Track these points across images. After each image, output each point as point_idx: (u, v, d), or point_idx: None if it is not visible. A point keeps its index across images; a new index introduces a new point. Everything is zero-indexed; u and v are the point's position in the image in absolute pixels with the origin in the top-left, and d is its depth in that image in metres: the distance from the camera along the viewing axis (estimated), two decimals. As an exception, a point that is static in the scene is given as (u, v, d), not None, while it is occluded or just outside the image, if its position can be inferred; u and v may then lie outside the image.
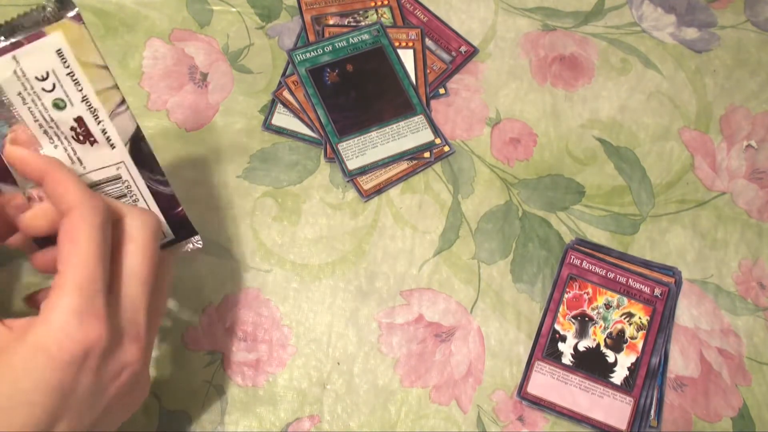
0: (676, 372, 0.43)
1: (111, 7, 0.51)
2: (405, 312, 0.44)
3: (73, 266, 0.27)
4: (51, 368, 0.26)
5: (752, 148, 0.51)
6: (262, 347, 0.42)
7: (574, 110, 0.51)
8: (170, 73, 0.49)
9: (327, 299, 0.44)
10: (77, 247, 0.28)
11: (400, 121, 0.48)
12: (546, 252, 0.46)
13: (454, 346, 0.43)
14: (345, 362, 0.42)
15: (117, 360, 0.29)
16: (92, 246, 0.28)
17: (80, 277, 0.27)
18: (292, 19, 0.52)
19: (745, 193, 0.49)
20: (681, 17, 0.56)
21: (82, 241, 0.28)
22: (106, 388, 0.29)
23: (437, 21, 0.53)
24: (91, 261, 0.28)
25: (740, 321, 0.45)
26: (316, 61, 0.49)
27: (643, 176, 0.49)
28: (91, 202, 0.29)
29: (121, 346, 0.29)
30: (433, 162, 0.48)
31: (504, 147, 0.49)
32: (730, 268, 0.47)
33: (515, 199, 0.47)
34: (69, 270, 0.27)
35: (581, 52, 0.53)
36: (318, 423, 0.40)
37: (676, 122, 0.51)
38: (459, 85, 0.51)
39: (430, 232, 0.46)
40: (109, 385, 0.29)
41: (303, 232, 0.45)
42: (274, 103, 0.49)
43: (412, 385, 0.42)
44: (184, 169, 0.46)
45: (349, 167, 0.47)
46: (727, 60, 0.54)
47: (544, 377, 0.42)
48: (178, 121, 0.47)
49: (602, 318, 0.44)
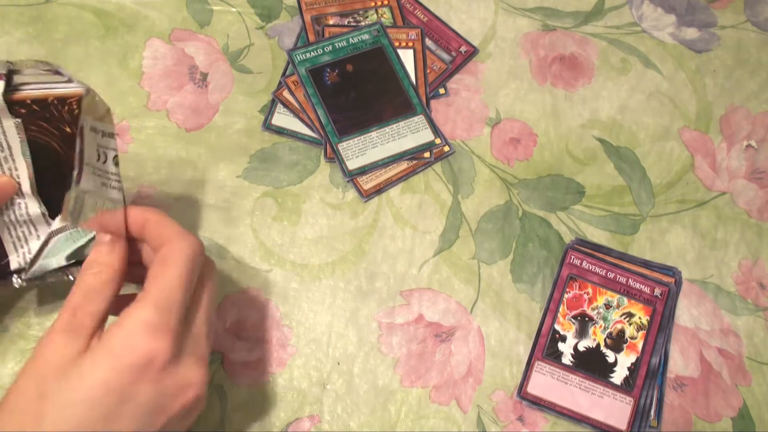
0: (676, 372, 0.43)
1: (111, 7, 0.51)
2: (405, 312, 0.44)
3: (158, 285, 0.30)
4: (112, 370, 0.28)
5: (752, 148, 0.51)
6: (262, 347, 0.42)
7: (574, 110, 0.51)
8: (170, 73, 0.49)
9: (327, 299, 0.44)
10: (165, 270, 0.30)
11: (400, 121, 0.48)
12: (546, 252, 0.46)
13: (454, 346, 0.43)
14: (345, 362, 0.42)
15: (180, 376, 0.29)
16: (179, 271, 0.30)
17: (160, 294, 0.29)
18: (292, 19, 0.52)
19: (745, 193, 0.49)
20: (681, 17, 0.56)
21: (171, 266, 0.30)
22: (168, 404, 0.29)
23: (437, 21, 0.53)
24: (175, 283, 0.30)
25: (740, 321, 0.45)
26: (316, 61, 0.49)
27: (643, 176, 0.49)
28: (187, 237, 0.31)
29: (186, 365, 0.30)
30: (433, 162, 0.48)
31: (504, 147, 0.49)
32: (730, 268, 0.47)
33: (515, 199, 0.47)
34: (152, 287, 0.29)
35: (581, 52, 0.53)
36: (318, 423, 0.40)
37: (676, 122, 0.51)
38: (459, 85, 0.51)
39: (430, 232, 0.46)
40: (173, 402, 0.29)
41: (303, 232, 0.45)
42: (274, 103, 0.49)
43: (412, 385, 0.42)
44: (184, 169, 0.46)
45: (349, 167, 0.47)
46: (727, 60, 0.54)
47: (544, 377, 0.42)
48: (178, 121, 0.47)
49: (602, 318, 0.44)
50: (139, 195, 0.45)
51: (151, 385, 0.28)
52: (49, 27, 0.49)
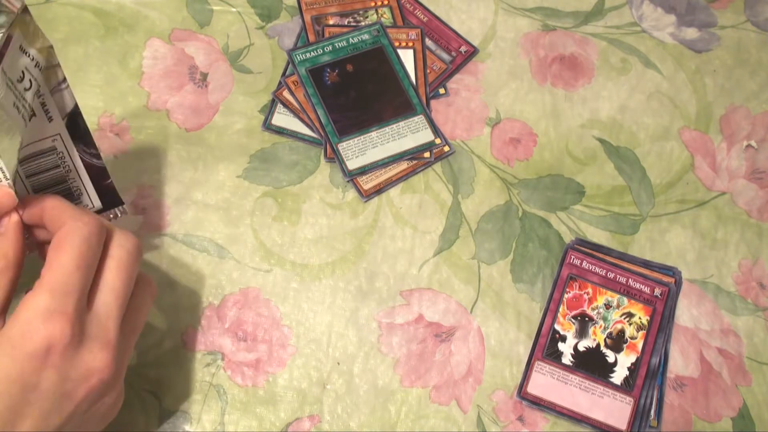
0: (676, 372, 0.43)
1: (111, 7, 0.51)
2: (405, 312, 0.44)
3: (52, 269, 0.29)
4: (12, 360, 0.27)
5: (752, 148, 0.51)
6: (262, 347, 0.42)
7: (574, 110, 0.51)
8: (170, 73, 0.49)
9: (327, 299, 0.44)
10: (59, 254, 0.29)
11: (400, 121, 0.48)
12: (546, 252, 0.46)
13: (454, 346, 0.43)
14: (345, 362, 0.42)
15: (83, 362, 0.29)
16: (73, 253, 0.29)
17: (55, 279, 0.29)
18: (292, 19, 0.52)
19: (745, 193, 0.49)
20: (681, 17, 0.56)
21: (65, 249, 0.29)
22: (73, 390, 0.29)
23: (437, 21, 0.53)
24: (69, 266, 0.29)
25: (740, 321, 0.45)
26: (316, 61, 0.49)
27: (643, 176, 0.49)
28: (81, 218, 0.30)
29: (88, 349, 0.29)
30: (433, 162, 0.48)
31: (504, 147, 0.49)
32: (730, 268, 0.47)
33: (515, 199, 0.47)
34: (48, 273, 0.29)
35: (581, 52, 0.53)
36: (318, 423, 0.40)
37: (676, 122, 0.51)
38: (459, 85, 0.51)
39: (430, 232, 0.46)
40: (77, 388, 0.29)
41: (303, 232, 0.45)
42: (274, 103, 0.49)
43: (412, 385, 0.42)
44: (184, 169, 0.46)
45: (349, 167, 0.47)
46: (727, 60, 0.54)
47: (544, 377, 0.42)
48: (178, 121, 0.47)
49: (602, 318, 0.44)
50: (139, 195, 0.45)
51: (52, 371, 0.28)
52: (49, 27, 0.49)
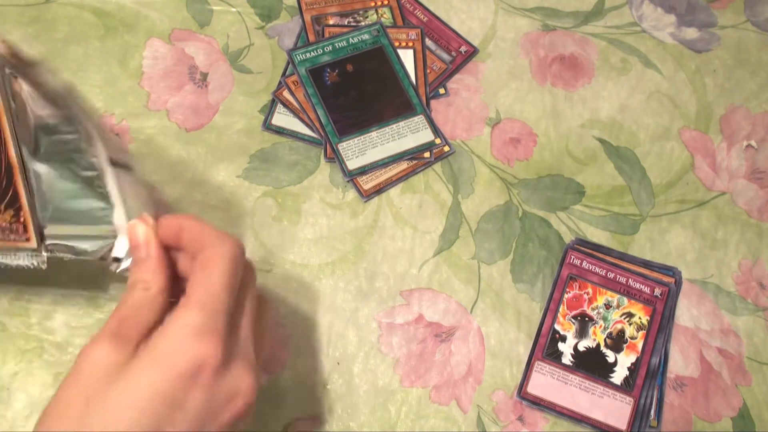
0: (676, 372, 0.43)
1: (111, 7, 0.51)
2: (405, 312, 0.44)
3: (202, 288, 0.28)
4: (163, 378, 0.26)
5: (752, 148, 0.51)
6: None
7: (574, 110, 0.51)
8: (170, 73, 0.49)
9: (327, 299, 0.44)
10: (208, 273, 0.29)
11: (400, 121, 0.48)
12: (546, 252, 0.46)
13: (454, 346, 0.43)
14: (345, 362, 0.42)
15: (231, 383, 0.28)
16: (223, 274, 0.29)
17: (206, 297, 0.28)
18: (292, 19, 0.52)
19: (745, 193, 0.49)
20: (681, 17, 0.56)
21: (214, 269, 0.29)
22: (219, 412, 0.28)
23: (437, 21, 0.53)
24: (219, 286, 0.28)
25: (740, 321, 0.45)
26: (316, 61, 0.49)
27: (643, 176, 0.49)
28: (228, 239, 0.30)
29: (236, 371, 0.28)
30: (433, 162, 0.48)
31: (504, 147, 0.49)
32: (730, 268, 0.47)
33: (515, 199, 0.47)
34: (196, 291, 0.28)
35: (581, 52, 0.53)
36: (318, 423, 0.40)
37: (676, 122, 0.51)
38: (459, 85, 0.51)
39: (430, 232, 0.46)
40: (223, 410, 0.28)
41: (303, 232, 0.45)
42: (274, 103, 0.49)
43: (412, 385, 0.42)
44: (184, 169, 0.46)
45: (349, 167, 0.47)
46: (727, 60, 0.54)
47: (544, 377, 0.42)
48: (178, 121, 0.48)
49: (602, 318, 0.44)
50: (139, 195, 0.45)
51: (201, 392, 0.27)
52: (49, 27, 0.49)
